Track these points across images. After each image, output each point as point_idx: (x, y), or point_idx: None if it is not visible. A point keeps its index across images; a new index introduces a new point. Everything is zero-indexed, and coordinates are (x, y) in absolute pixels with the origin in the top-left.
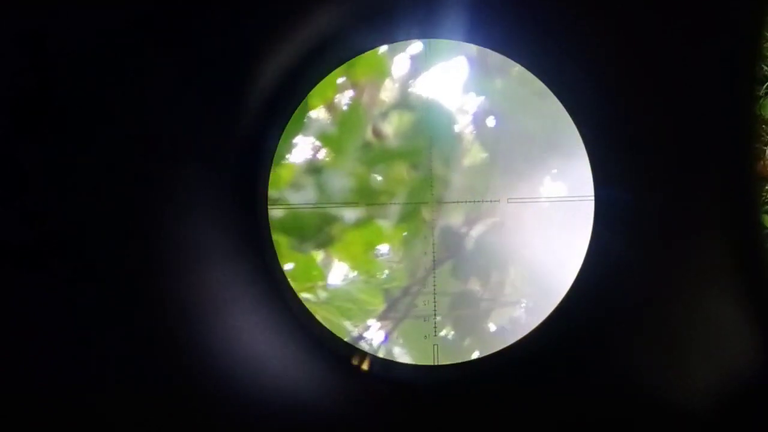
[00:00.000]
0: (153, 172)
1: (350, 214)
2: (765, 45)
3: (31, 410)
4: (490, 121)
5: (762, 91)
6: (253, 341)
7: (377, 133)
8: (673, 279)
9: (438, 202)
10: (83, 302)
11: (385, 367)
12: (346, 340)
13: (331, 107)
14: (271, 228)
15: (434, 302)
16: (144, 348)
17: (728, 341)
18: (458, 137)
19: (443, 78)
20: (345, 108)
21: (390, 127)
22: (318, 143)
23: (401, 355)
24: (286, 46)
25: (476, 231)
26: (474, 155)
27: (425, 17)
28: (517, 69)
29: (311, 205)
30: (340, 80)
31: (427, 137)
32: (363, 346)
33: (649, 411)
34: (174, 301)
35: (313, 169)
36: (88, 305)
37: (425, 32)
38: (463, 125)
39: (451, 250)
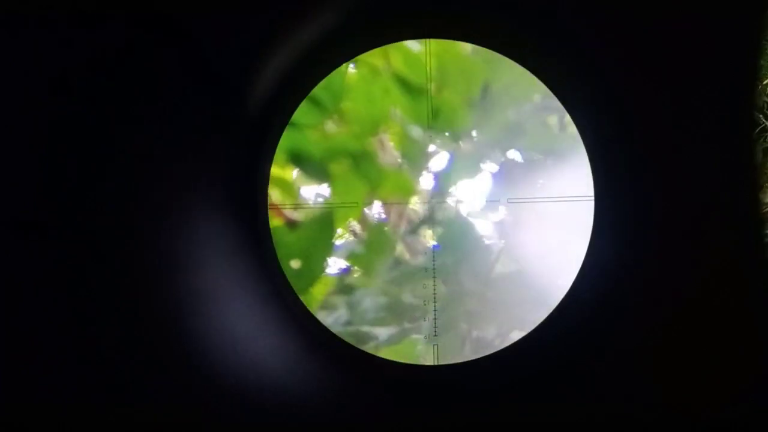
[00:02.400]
0: (154, 172)
1: (383, 332)
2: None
3: (36, 402)
4: (519, 234)
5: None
6: (253, 342)
7: (409, 251)
8: (673, 280)
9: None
10: (84, 303)
11: (385, 367)
12: (346, 340)
13: (360, 225)
14: None
15: (434, 302)
16: (144, 348)
17: (729, 342)
18: (486, 250)
19: (468, 192)
20: (374, 226)
21: (419, 244)
22: (348, 264)
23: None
24: (287, 46)
25: None
26: (503, 266)
27: (425, 17)
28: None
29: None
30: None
31: (455, 252)
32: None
33: (649, 411)
34: (174, 302)
35: (345, 289)
36: (88, 306)
37: (425, 32)
38: (491, 237)
39: None
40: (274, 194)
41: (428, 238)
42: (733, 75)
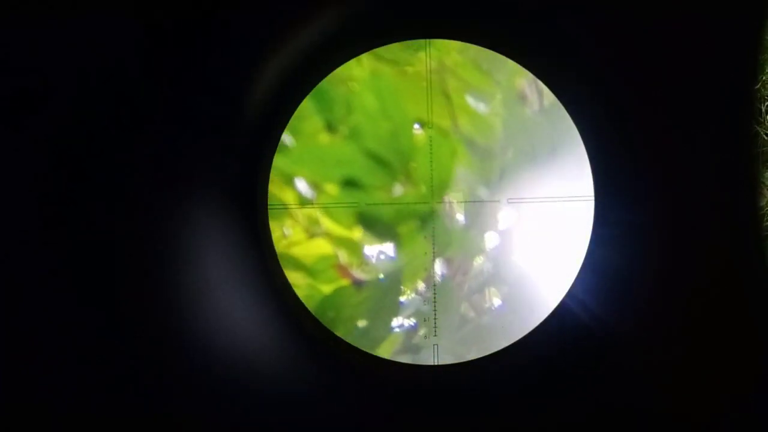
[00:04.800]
0: (156, 173)
1: None
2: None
3: (36, 402)
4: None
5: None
6: (253, 342)
7: (475, 309)
8: (673, 280)
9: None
10: (84, 303)
11: (385, 367)
12: (346, 340)
13: (426, 284)
14: None
15: (434, 302)
16: (144, 348)
17: (729, 342)
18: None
19: (534, 251)
20: (439, 284)
21: (485, 303)
22: (414, 322)
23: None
24: (287, 46)
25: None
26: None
27: (425, 17)
28: None
29: None
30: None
31: (521, 313)
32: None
33: (649, 411)
34: (175, 303)
35: (411, 348)
36: (88, 307)
37: (426, 32)
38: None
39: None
40: (341, 255)
41: (493, 296)
42: (733, 75)
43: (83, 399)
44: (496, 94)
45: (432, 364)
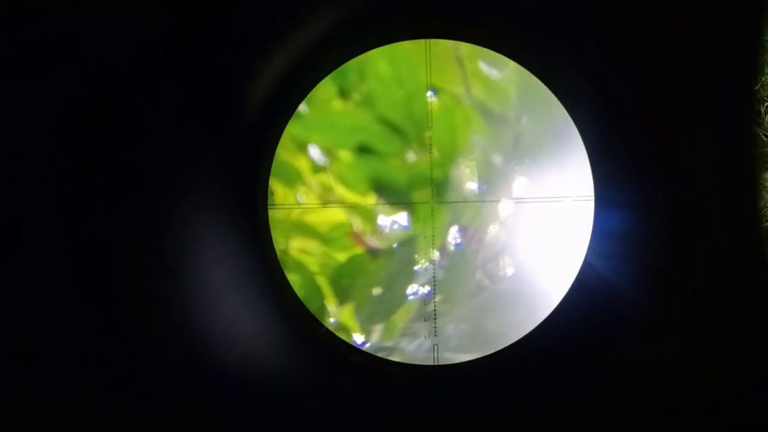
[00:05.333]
0: (156, 173)
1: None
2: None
3: (36, 402)
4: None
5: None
6: (252, 342)
7: (490, 277)
8: (673, 280)
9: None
10: (84, 303)
11: (385, 367)
12: (347, 341)
13: (441, 252)
14: None
15: (434, 302)
16: (144, 348)
17: (729, 342)
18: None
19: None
20: (454, 252)
21: (500, 271)
22: (430, 289)
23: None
24: (287, 46)
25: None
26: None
27: (425, 17)
28: None
29: None
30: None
31: (535, 281)
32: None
33: (649, 411)
34: (174, 303)
35: (427, 315)
36: (88, 307)
37: (426, 32)
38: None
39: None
40: (356, 223)
41: (507, 265)
42: (733, 75)
43: (83, 399)
44: (509, 60)
45: (432, 364)
